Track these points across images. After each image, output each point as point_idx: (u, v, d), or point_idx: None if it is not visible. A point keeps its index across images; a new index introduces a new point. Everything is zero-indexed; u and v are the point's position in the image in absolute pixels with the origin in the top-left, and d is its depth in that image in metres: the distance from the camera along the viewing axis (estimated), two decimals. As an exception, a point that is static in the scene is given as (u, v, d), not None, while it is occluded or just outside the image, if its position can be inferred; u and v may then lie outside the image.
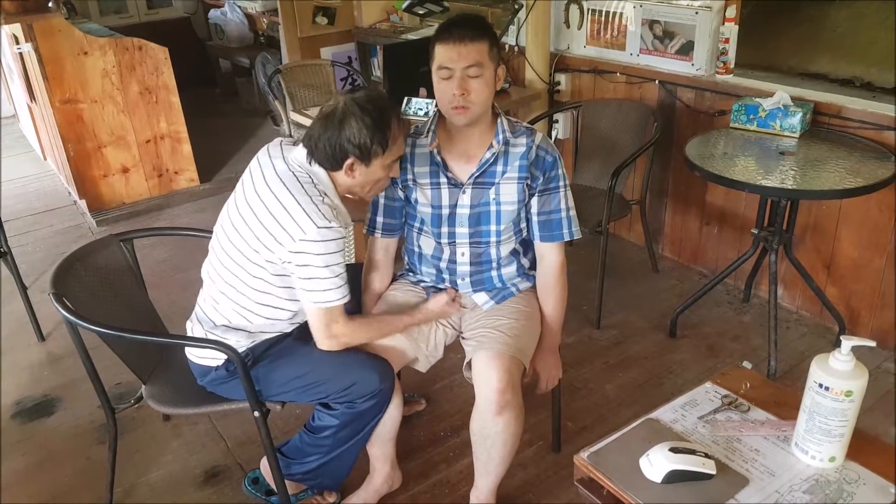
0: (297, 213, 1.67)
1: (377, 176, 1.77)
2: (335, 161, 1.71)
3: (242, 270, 1.78)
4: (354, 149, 1.68)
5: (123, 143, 4.21)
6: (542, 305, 2.01)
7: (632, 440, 1.42)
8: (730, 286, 3.20)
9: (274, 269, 1.74)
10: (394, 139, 1.72)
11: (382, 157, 1.72)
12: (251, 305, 1.81)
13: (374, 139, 1.68)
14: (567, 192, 1.92)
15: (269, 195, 1.71)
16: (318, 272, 1.69)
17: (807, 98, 2.73)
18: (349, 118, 1.67)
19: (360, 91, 1.75)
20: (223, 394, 1.90)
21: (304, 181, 1.72)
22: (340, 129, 1.67)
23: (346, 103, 1.69)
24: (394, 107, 1.77)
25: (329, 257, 1.69)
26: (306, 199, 1.68)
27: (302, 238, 1.66)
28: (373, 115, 1.67)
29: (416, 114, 3.09)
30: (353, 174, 1.74)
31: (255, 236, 1.73)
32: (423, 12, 3.72)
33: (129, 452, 2.37)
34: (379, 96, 1.74)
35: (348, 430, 1.87)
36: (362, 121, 1.66)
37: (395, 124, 1.72)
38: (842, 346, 1.29)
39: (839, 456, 1.34)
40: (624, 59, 3.32)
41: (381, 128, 1.68)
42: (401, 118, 1.77)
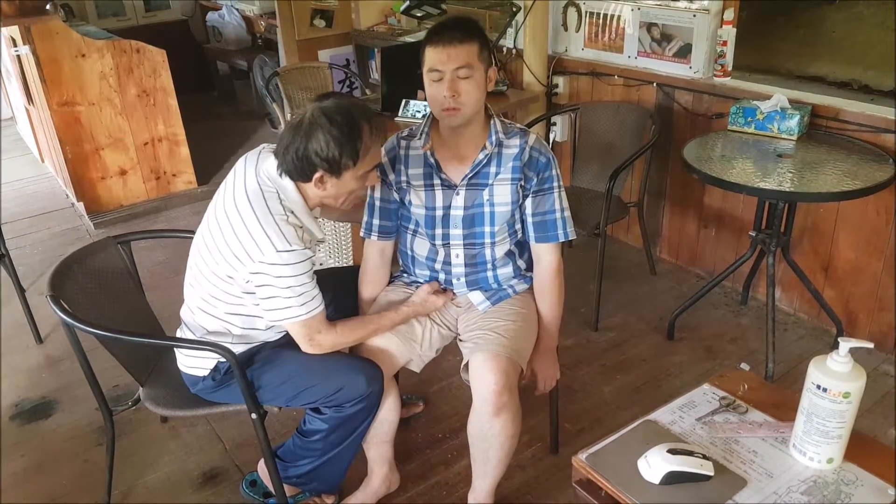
0: (257, 233, 1.64)
1: (350, 187, 1.72)
2: (304, 174, 1.66)
3: (210, 283, 1.77)
4: (323, 162, 1.63)
5: (121, 145, 4.21)
6: (539, 306, 2.01)
7: (630, 441, 1.42)
8: (727, 288, 3.20)
9: (238, 283, 1.73)
10: (366, 149, 1.66)
11: (354, 169, 1.67)
12: (225, 315, 1.80)
13: (344, 152, 1.62)
14: (561, 192, 1.92)
15: (234, 213, 1.69)
16: (279, 292, 1.68)
17: (805, 101, 2.74)
18: (316, 130, 1.61)
19: (329, 99, 1.67)
20: (214, 400, 1.90)
21: (270, 198, 1.67)
22: (307, 142, 1.61)
23: (313, 113, 1.63)
24: (367, 114, 1.69)
25: (289, 280, 1.66)
26: (269, 220, 1.64)
27: (260, 260, 1.64)
28: (341, 126, 1.61)
29: (415, 116, 3.10)
30: (323, 186, 1.69)
31: (219, 251, 1.72)
32: (421, 15, 3.73)
33: (127, 454, 2.37)
34: (350, 104, 1.67)
35: (338, 434, 1.86)
36: (330, 133, 1.60)
37: (366, 134, 1.65)
38: (839, 348, 1.29)
39: (837, 457, 1.34)
40: (622, 61, 3.32)
41: (350, 139, 1.62)
42: (374, 126, 1.68)
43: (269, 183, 1.70)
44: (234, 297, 1.77)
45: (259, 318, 1.81)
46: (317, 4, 4.90)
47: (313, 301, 1.72)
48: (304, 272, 1.68)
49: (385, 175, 1.95)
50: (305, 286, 1.70)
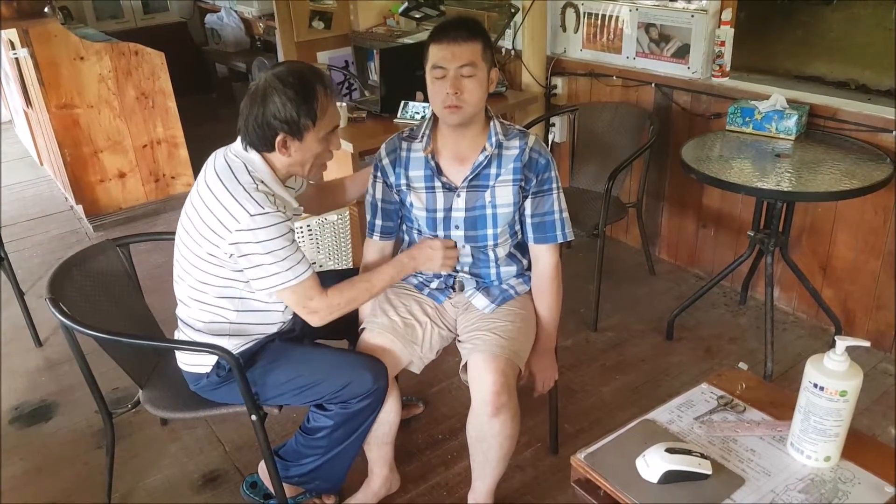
0: (229, 203, 1.66)
1: (314, 150, 1.73)
2: (266, 141, 1.69)
3: (196, 268, 1.78)
4: (282, 124, 1.65)
5: (120, 148, 4.21)
6: (538, 307, 2.02)
7: (628, 441, 1.42)
8: (726, 288, 3.20)
9: (222, 261, 1.73)
10: (322, 109, 1.68)
11: (314, 129, 1.69)
12: (216, 301, 1.80)
13: (301, 111, 1.65)
14: (560, 193, 1.93)
15: (206, 192, 1.71)
16: (262, 259, 1.68)
17: (802, 101, 2.74)
18: (272, 94, 1.64)
19: (282, 65, 1.71)
20: (216, 399, 1.90)
21: (238, 170, 1.70)
22: (264, 107, 1.65)
23: (266, 79, 1.67)
24: (320, 76, 1.72)
25: (269, 243, 1.66)
26: (238, 189, 1.66)
27: (237, 228, 1.65)
28: (295, 87, 1.64)
29: (413, 117, 3.10)
30: (287, 151, 1.71)
31: (198, 232, 1.73)
32: (420, 16, 3.73)
33: (127, 457, 2.37)
34: (302, 67, 1.70)
35: (343, 431, 1.87)
36: (285, 94, 1.63)
37: (321, 93, 1.68)
38: (836, 347, 1.29)
39: (834, 455, 1.35)
40: (620, 62, 3.33)
41: (306, 99, 1.65)
42: (329, 87, 1.71)
43: (237, 159, 1.73)
44: (222, 280, 1.76)
45: (253, 299, 1.81)
46: (315, 6, 4.90)
47: (299, 265, 1.72)
48: (282, 234, 1.68)
49: (385, 176, 1.96)
50: (287, 249, 1.70)
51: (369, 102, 3.38)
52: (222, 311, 1.82)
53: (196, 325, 1.85)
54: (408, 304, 2.01)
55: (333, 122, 1.75)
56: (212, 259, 1.73)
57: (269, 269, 1.69)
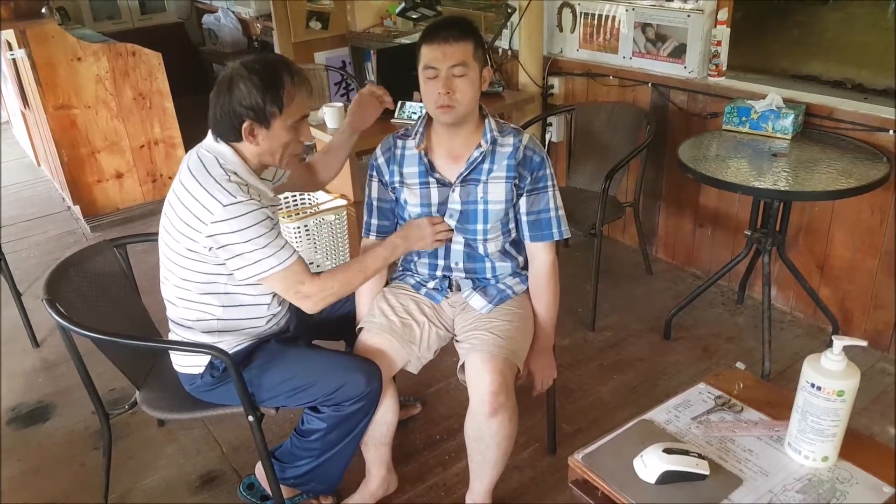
0: (202, 196, 1.66)
1: (283, 139, 1.72)
2: (233, 129, 1.68)
3: (179, 266, 1.77)
4: (247, 111, 1.65)
5: (117, 148, 4.21)
6: (535, 305, 2.02)
7: (625, 441, 1.42)
8: (724, 288, 3.21)
9: (202, 256, 1.72)
10: (290, 97, 1.67)
11: (281, 117, 1.67)
12: (200, 297, 1.79)
13: (266, 98, 1.64)
14: (555, 191, 1.93)
15: (181, 189, 1.71)
16: (242, 248, 1.67)
17: (799, 100, 2.74)
18: (237, 81, 1.64)
19: (250, 55, 1.71)
20: (211, 400, 1.90)
21: (210, 164, 1.70)
22: (230, 94, 1.65)
23: (233, 68, 1.67)
24: (288, 65, 1.71)
25: (247, 232, 1.65)
26: (210, 182, 1.66)
27: (212, 220, 1.64)
28: (261, 74, 1.64)
29: (410, 117, 3.10)
30: (255, 140, 1.70)
31: (176, 229, 1.72)
32: (417, 17, 3.73)
33: (124, 458, 2.37)
34: (270, 56, 1.71)
35: (337, 434, 1.86)
36: (251, 81, 1.63)
37: (288, 82, 1.66)
38: (833, 346, 1.29)
39: (832, 455, 1.35)
40: (617, 62, 3.33)
41: (272, 86, 1.64)
42: (296, 75, 1.70)
43: (208, 153, 1.73)
44: (204, 276, 1.76)
45: (238, 294, 1.80)
46: (312, 6, 4.90)
47: (283, 251, 1.70)
48: (259, 222, 1.67)
49: (381, 175, 1.97)
50: (268, 236, 1.68)
51: (367, 103, 3.38)
52: (208, 307, 1.81)
53: (184, 324, 1.85)
54: (405, 304, 2.01)
55: (302, 110, 1.73)
56: (192, 255, 1.73)
57: (250, 257, 1.68)
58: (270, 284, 1.76)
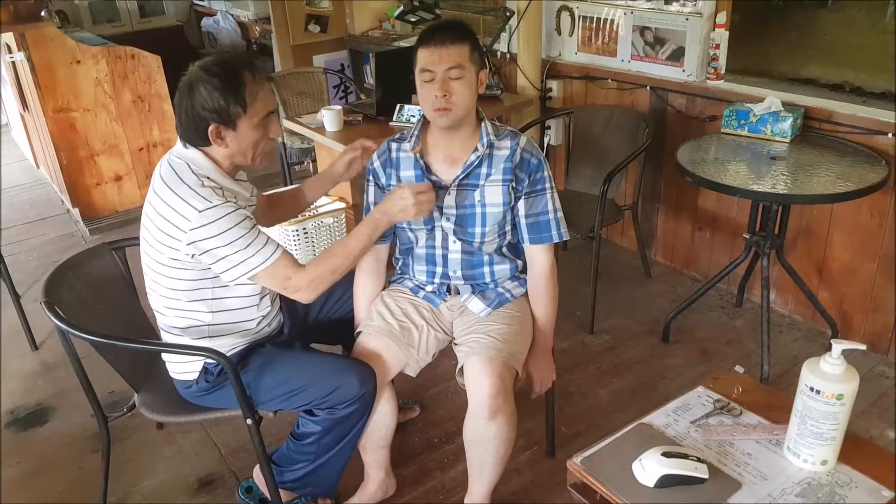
0: (177, 204, 1.64)
1: (252, 138, 1.70)
2: (200, 133, 1.67)
3: (164, 276, 1.76)
4: (211, 114, 1.63)
5: (116, 151, 4.21)
6: (534, 308, 2.02)
7: (624, 445, 1.42)
8: (722, 291, 3.21)
9: (185, 264, 1.71)
10: (252, 94, 1.65)
11: (246, 116, 1.66)
12: (189, 305, 1.78)
13: (229, 99, 1.62)
14: (553, 193, 1.93)
15: (155, 198, 1.70)
16: (225, 251, 1.65)
17: (797, 103, 2.75)
18: (198, 85, 1.63)
19: (209, 56, 1.70)
20: (207, 404, 1.89)
21: (182, 171, 1.68)
22: (192, 99, 1.64)
23: (192, 71, 1.65)
24: (247, 62, 1.69)
25: (227, 234, 1.64)
26: (183, 189, 1.65)
27: (190, 227, 1.63)
28: (220, 75, 1.62)
29: (409, 120, 3.10)
30: (223, 142, 1.68)
31: (156, 240, 1.71)
32: (415, 20, 3.73)
33: (123, 461, 2.37)
34: (227, 56, 1.69)
35: (332, 437, 1.86)
36: (210, 83, 1.62)
37: (248, 79, 1.65)
38: (832, 350, 1.29)
39: (831, 459, 1.35)
40: (615, 65, 3.33)
41: (233, 86, 1.63)
42: (257, 71, 1.68)
43: (179, 160, 1.71)
44: (191, 282, 1.75)
45: (226, 298, 1.79)
46: (311, 10, 4.91)
47: (267, 247, 1.69)
48: (238, 223, 1.65)
49: (377, 178, 1.97)
50: (249, 236, 1.66)
51: (365, 106, 3.39)
52: (197, 313, 1.80)
53: (174, 332, 1.84)
54: (404, 308, 2.01)
55: (267, 106, 1.71)
56: (175, 263, 1.72)
57: (234, 258, 1.66)
58: (259, 282, 1.76)
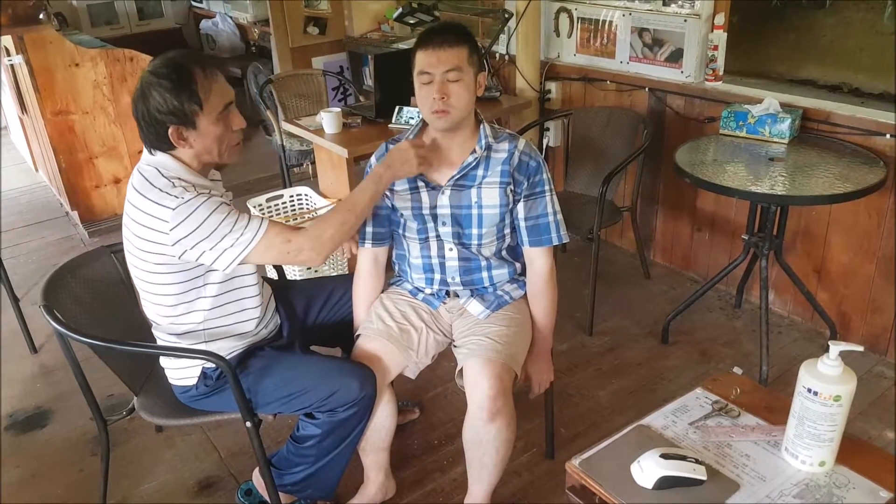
0: (152, 209, 1.63)
1: (214, 133, 1.68)
2: (161, 138, 1.65)
3: (153, 284, 1.74)
4: (168, 116, 1.62)
5: (115, 153, 4.21)
6: (533, 310, 2.02)
7: (623, 447, 1.42)
8: (721, 292, 3.21)
9: (175, 267, 1.69)
10: (205, 90, 1.63)
11: (203, 112, 1.64)
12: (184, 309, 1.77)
13: (182, 98, 1.61)
14: (553, 196, 1.93)
15: (131, 209, 1.68)
16: (213, 242, 1.63)
17: (795, 104, 2.75)
18: (149, 90, 1.62)
19: (156, 59, 1.66)
20: (206, 408, 1.90)
21: (152, 176, 1.66)
22: (146, 104, 1.62)
23: (142, 78, 1.64)
24: (195, 58, 1.67)
25: (207, 223, 1.61)
26: (155, 193, 1.63)
27: (170, 228, 1.61)
28: (169, 76, 1.61)
29: (408, 122, 3.10)
30: (186, 143, 1.66)
31: (140, 250, 1.69)
32: (414, 22, 3.74)
33: (122, 464, 2.37)
34: (175, 55, 1.66)
35: (332, 440, 1.86)
36: (161, 86, 1.60)
37: (199, 75, 1.63)
38: (830, 352, 1.29)
39: (829, 460, 1.35)
40: (614, 66, 3.34)
41: (183, 84, 1.61)
42: (207, 66, 1.65)
43: (148, 167, 1.70)
44: (179, 286, 1.73)
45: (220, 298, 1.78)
46: (310, 12, 4.91)
47: (252, 224, 1.65)
48: (215, 209, 1.62)
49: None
50: (230, 218, 1.64)
51: (364, 108, 3.39)
52: (190, 317, 1.79)
53: (170, 340, 1.84)
54: (403, 310, 2.01)
55: (223, 99, 1.68)
56: (163, 269, 1.70)
57: (224, 244, 1.63)
58: (258, 258, 1.70)
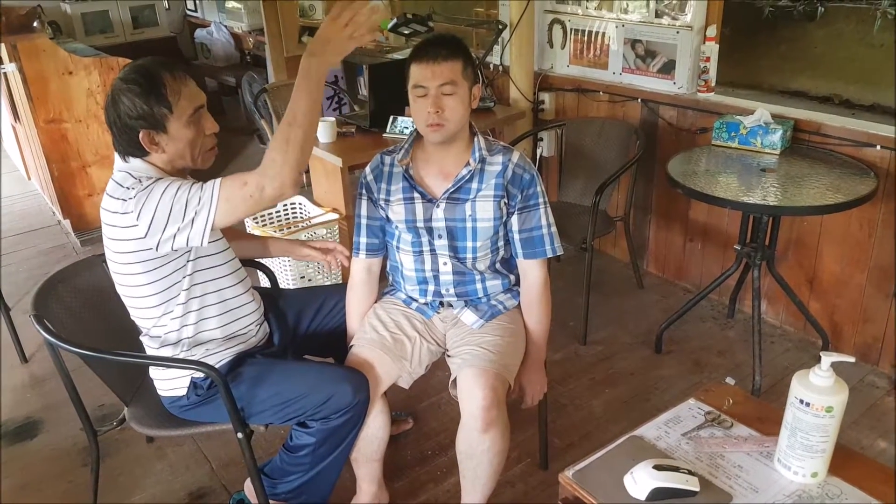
0: (117, 206, 1.61)
1: (186, 137, 1.66)
2: (132, 143, 1.64)
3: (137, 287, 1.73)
4: (138, 121, 1.61)
5: (108, 162, 4.17)
6: (527, 321, 2.02)
7: (616, 458, 1.42)
8: (714, 301, 3.22)
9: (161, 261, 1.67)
10: (174, 92, 1.62)
11: (174, 116, 1.63)
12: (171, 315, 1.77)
13: (151, 102, 1.60)
14: (547, 208, 1.94)
15: (104, 213, 1.67)
16: (178, 216, 1.57)
17: (787, 115, 2.77)
18: (119, 96, 1.61)
19: (126, 67, 1.67)
20: (196, 418, 1.88)
21: (122, 179, 1.65)
22: (116, 110, 1.62)
23: (113, 85, 1.64)
24: (163, 63, 1.66)
25: (165, 201, 1.56)
26: (120, 191, 1.62)
27: (137, 217, 1.58)
28: (138, 81, 1.61)
29: (402, 132, 3.11)
30: (158, 147, 1.65)
31: (118, 253, 1.68)
32: (409, 32, 3.74)
33: (113, 475, 2.35)
34: (144, 61, 1.65)
35: (326, 447, 1.85)
36: (131, 91, 1.60)
37: (168, 78, 1.62)
38: (821, 363, 1.30)
39: (821, 471, 1.35)
40: (607, 78, 3.35)
41: (153, 88, 1.60)
42: (174, 70, 1.64)
43: (120, 172, 1.68)
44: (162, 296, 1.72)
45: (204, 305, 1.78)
46: (305, 21, 4.93)
47: (207, 184, 1.59)
48: (170, 183, 1.58)
49: (370, 192, 1.97)
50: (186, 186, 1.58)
51: (359, 117, 3.39)
52: (174, 320, 1.78)
53: (157, 347, 1.82)
54: (396, 320, 2.01)
55: (193, 103, 1.67)
56: (143, 273, 1.68)
57: (189, 214, 1.57)
58: (228, 216, 1.59)
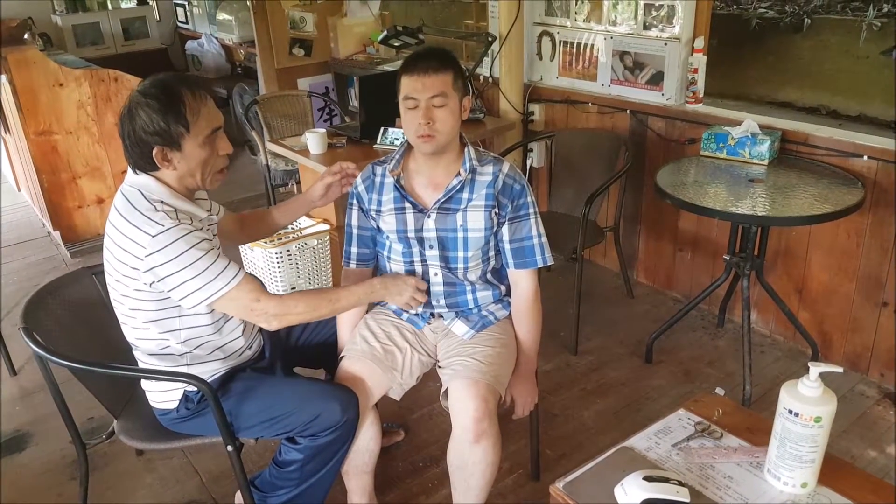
0: (131, 232, 1.61)
1: (199, 157, 1.66)
2: (145, 158, 1.63)
3: (132, 304, 1.72)
4: (153, 136, 1.60)
5: (98, 174, 4.19)
6: (518, 331, 2.02)
7: (606, 469, 1.42)
8: (704, 311, 3.23)
9: (149, 295, 1.67)
10: (194, 112, 1.62)
11: (190, 135, 1.63)
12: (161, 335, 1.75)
13: (169, 119, 1.59)
14: (537, 218, 1.95)
15: (112, 230, 1.67)
16: (183, 276, 1.61)
17: (775, 126, 2.79)
18: (137, 109, 1.60)
19: (147, 80, 1.66)
20: (187, 431, 1.87)
21: (134, 198, 1.65)
22: (133, 124, 1.61)
23: (131, 97, 1.62)
24: (186, 80, 1.66)
25: (183, 258, 1.59)
26: (136, 216, 1.62)
27: (146, 254, 1.60)
28: (158, 96, 1.60)
29: (393, 143, 3.12)
30: (170, 164, 1.65)
31: (119, 273, 1.68)
32: (399, 44, 3.76)
33: (102, 489, 2.33)
34: (165, 77, 1.65)
35: (314, 464, 1.84)
36: (150, 106, 1.59)
37: (188, 97, 1.62)
38: (810, 373, 1.30)
39: (811, 481, 1.35)
40: (595, 89, 3.38)
41: (172, 106, 1.60)
42: (196, 89, 1.64)
43: (131, 188, 1.68)
44: (157, 313, 1.71)
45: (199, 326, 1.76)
46: (296, 34, 4.93)
47: (228, 271, 1.65)
48: (193, 245, 1.61)
49: (360, 202, 1.97)
50: (207, 258, 1.62)
51: (349, 128, 3.40)
52: (169, 343, 1.77)
53: (151, 363, 1.81)
54: (387, 330, 2.01)
55: (211, 124, 1.67)
56: (140, 294, 1.68)
57: (193, 284, 1.61)
58: (223, 307, 1.70)
